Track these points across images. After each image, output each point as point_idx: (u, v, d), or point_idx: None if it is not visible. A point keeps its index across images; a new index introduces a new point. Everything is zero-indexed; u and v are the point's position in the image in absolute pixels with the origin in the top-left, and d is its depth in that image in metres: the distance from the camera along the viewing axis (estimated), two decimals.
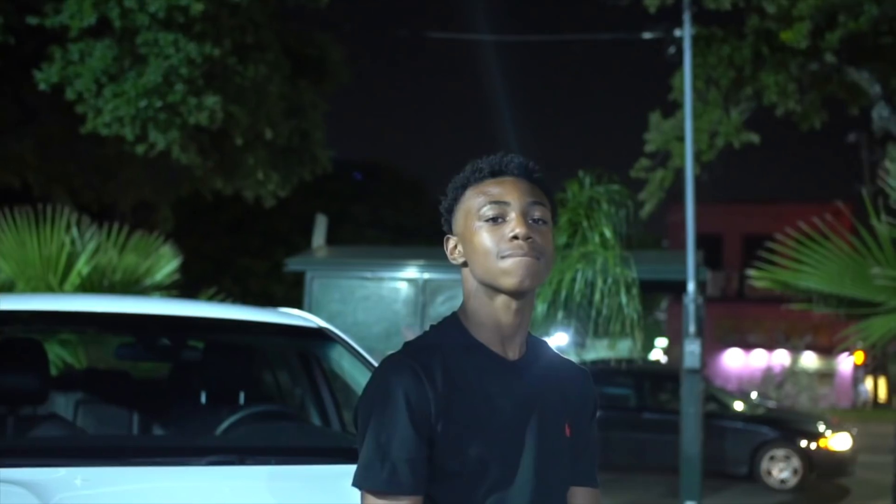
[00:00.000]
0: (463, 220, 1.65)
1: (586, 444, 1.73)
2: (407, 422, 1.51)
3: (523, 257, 1.57)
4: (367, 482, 1.52)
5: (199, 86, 11.46)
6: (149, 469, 2.71)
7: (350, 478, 2.73)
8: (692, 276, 9.37)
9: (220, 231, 28.38)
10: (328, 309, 11.13)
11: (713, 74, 12.09)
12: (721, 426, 11.80)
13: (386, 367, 1.58)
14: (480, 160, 1.68)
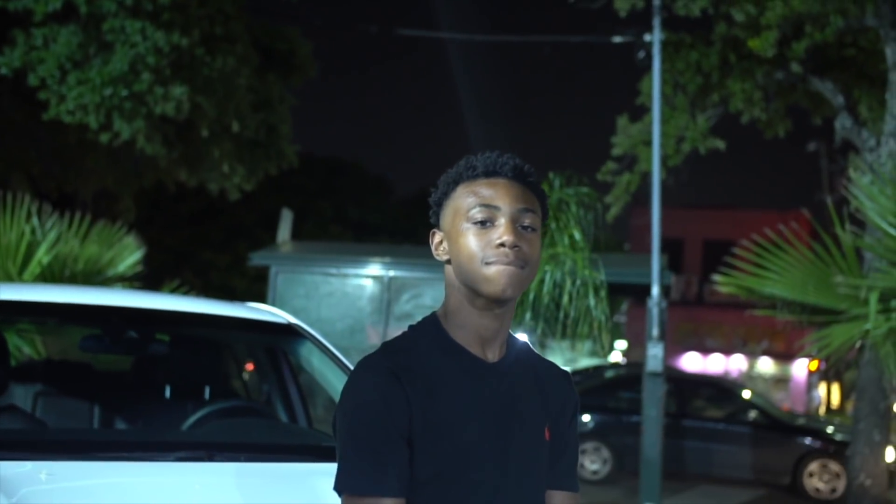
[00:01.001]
0: (451, 218, 1.62)
1: (566, 447, 1.71)
2: (386, 424, 1.49)
3: (508, 266, 1.54)
4: (348, 485, 1.49)
5: (165, 75, 11.31)
6: (116, 464, 2.66)
7: (320, 476, 2.71)
8: (657, 280, 9.43)
9: (181, 223, 28.07)
10: (292, 304, 11.06)
11: (681, 80, 12.16)
12: (764, 437, 11.92)
13: (363, 370, 1.55)
14: (475, 157, 1.64)
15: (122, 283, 7.91)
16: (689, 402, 12.62)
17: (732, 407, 12.73)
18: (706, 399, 12.93)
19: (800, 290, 6.41)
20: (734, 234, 9.46)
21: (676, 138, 11.83)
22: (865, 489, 7.95)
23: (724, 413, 12.65)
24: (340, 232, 29.47)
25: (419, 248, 13.70)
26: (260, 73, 13.52)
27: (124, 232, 8.25)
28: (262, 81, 13.54)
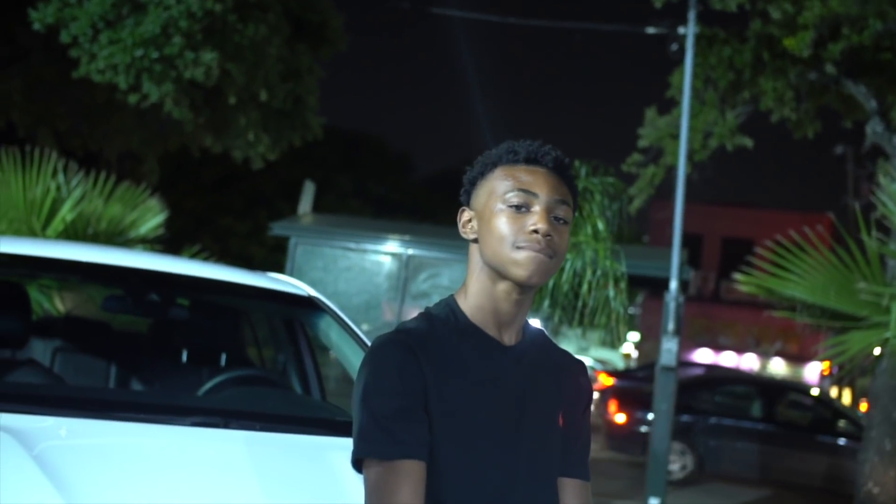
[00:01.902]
0: (485, 198, 1.62)
1: (579, 436, 1.72)
2: (402, 392, 1.50)
3: (538, 253, 1.55)
4: (367, 450, 1.50)
5: (197, 40, 11.31)
6: (133, 425, 2.68)
7: (334, 450, 2.73)
8: (675, 275, 9.39)
9: (203, 188, 28.19)
10: (310, 276, 11.09)
11: (712, 75, 12.06)
12: (855, 447, 11.65)
13: (379, 344, 1.57)
14: (517, 143, 1.65)
15: (144, 245, 7.95)
16: (776, 408, 12.30)
17: (819, 414, 12.35)
18: (793, 406, 12.61)
19: (821, 293, 6.36)
20: (754, 233, 9.37)
21: (704, 133, 11.76)
22: (873, 497, 7.93)
23: (812, 420, 12.29)
24: (360, 207, 29.53)
25: (439, 227, 13.69)
26: (290, 44, 13.49)
27: (148, 194, 8.28)
28: (291, 52, 13.52)
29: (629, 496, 10.22)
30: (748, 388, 12.76)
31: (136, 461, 2.48)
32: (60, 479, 2.18)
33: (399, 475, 1.47)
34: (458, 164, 37.54)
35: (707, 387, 12.98)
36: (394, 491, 1.46)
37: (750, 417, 12.14)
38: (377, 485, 1.48)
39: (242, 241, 27.87)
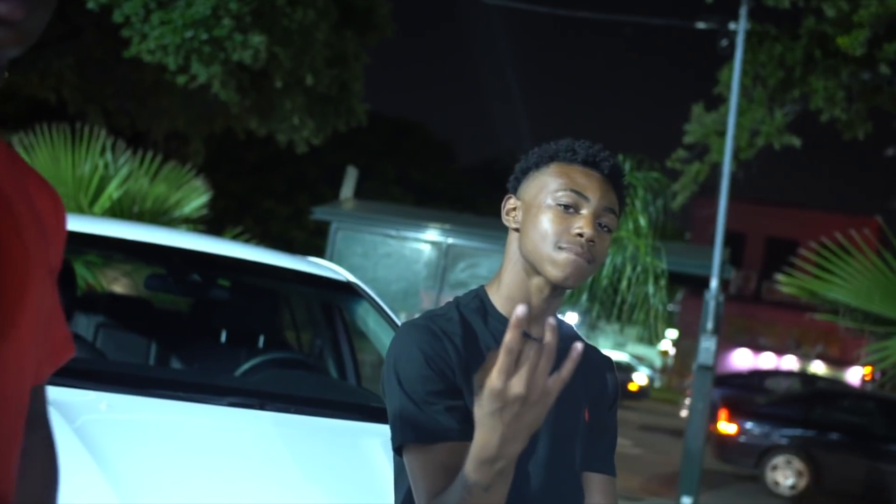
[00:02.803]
0: (535, 191, 1.61)
1: (604, 431, 1.71)
2: (429, 374, 1.50)
3: (578, 257, 1.54)
4: (409, 436, 1.49)
5: (246, 23, 11.40)
6: (172, 402, 2.72)
7: (367, 435, 2.75)
8: (716, 273, 9.30)
9: (246, 170, 28.43)
10: (349, 262, 11.15)
11: (762, 72, 11.91)
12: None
13: (405, 330, 1.57)
14: (576, 142, 1.64)
15: (188, 224, 8.04)
16: None
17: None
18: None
19: (865, 297, 6.26)
20: (799, 234, 9.23)
21: (751, 131, 11.62)
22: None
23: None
24: (402, 194, 29.59)
25: (479, 217, 13.68)
26: (337, 29, 13.54)
27: (193, 174, 8.37)
28: (338, 37, 13.57)
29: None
30: (868, 404, 12.20)
31: (172, 438, 2.52)
32: (99, 452, 2.23)
33: (441, 458, 1.46)
34: (500, 155, 37.31)
35: (825, 401, 12.50)
36: (437, 476, 1.45)
37: (870, 435, 11.54)
38: (421, 471, 1.47)
39: (284, 224, 28.08)
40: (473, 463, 1.30)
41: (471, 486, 1.32)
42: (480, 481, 1.30)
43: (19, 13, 0.92)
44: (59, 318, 1.21)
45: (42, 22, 0.97)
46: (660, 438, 16.00)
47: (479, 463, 1.29)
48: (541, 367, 1.22)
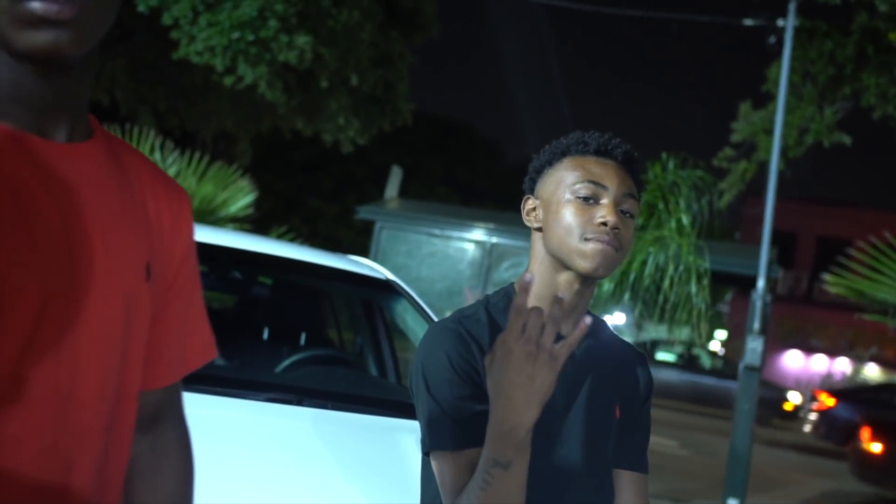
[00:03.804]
0: (552, 188, 1.62)
1: (636, 427, 1.70)
2: (457, 379, 1.50)
3: (606, 245, 1.54)
4: (433, 443, 1.51)
5: (291, 24, 11.52)
6: (210, 397, 2.76)
7: (403, 432, 2.77)
8: (763, 273, 9.17)
9: (293, 170, 28.67)
10: (393, 261, 11.20)
11: (811, 69, 11.73)
12: None
13: (431, 332, 1.58)
14: (587, 134, 1.64)
15: (233, 224, 8.15)
16: None
17: None
18: None
19: None
20: (851, 234, 9.07)
21: (800, 129, 11.44)
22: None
23: None
24: (447, 193, 29.62)
25: None
26: (383, 29, 13.61)
27: (239, 174, 8.48)
28: (384, 37, 13.64)
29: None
30: None
31: (209, 433, 2.56)
32: None
33: (470, 465, 1.46)
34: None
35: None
36: (465, 481, 1.45)
37: None
38: (449, 475, 1.49)
39: (331, 224, 28.27)
40: (492, 441, 1.33)
41: (491, 466, 1.34)
42: (500, 458, 1.33)
43: (68, 12, 0.94)
44: (196, 320, 1.26)
45: (101, 21, 1.00)
46: (707, 439, 15.83)
47: (497, 438, 1.33)
48: (546, 330, 1.27)
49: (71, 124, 1.04)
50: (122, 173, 1.10)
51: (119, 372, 1.06)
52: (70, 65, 1.00)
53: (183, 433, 1.29)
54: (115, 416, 1.07)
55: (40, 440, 0.96)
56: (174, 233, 1.18)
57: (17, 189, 0.95)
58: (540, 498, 1.52)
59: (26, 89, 0.99)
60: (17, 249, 0.93)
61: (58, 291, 0.97)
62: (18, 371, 0.94)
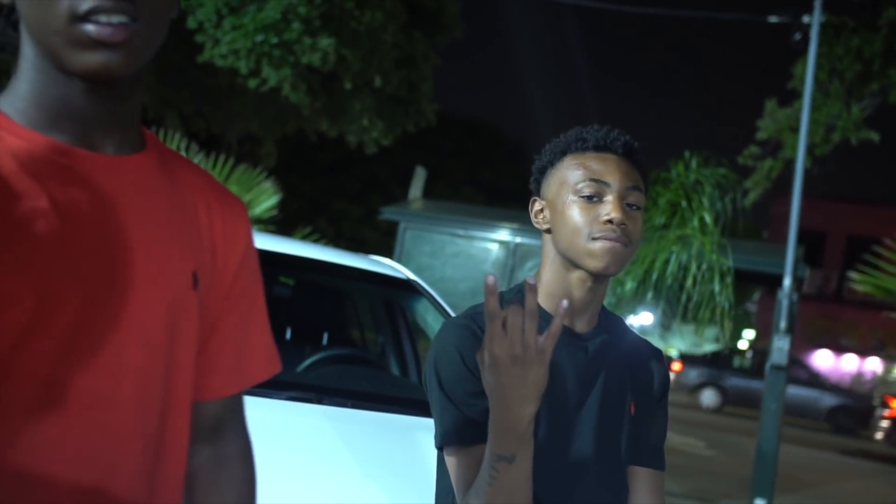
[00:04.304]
0: (556, 189, 1.61)
1: (651, 424, 1.68)
2: (468, 376, 1.50)
3: (614, 243, 1.54)
4: (444, 439, 1.52)
5: (315, 26, 11.58)
6: None
7: (422, 430, 2.78)
8: (789, 272, 9.10)
9: (319, 172, 28.78)
10: (417, 261, 11.22)
11: (838, 66, 11.63)
12: None
13: (444, 329, 1.58)
14: (585, 130, 1.63)
15: (257, 225, 8.21)
16: None
17: None
18: None
19: None
20: (881, 232, 8.98)
21: (826, 127, 11.33)
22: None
23: None
24: (472, 194, 29.61)
25: None
26: (406, 30, 13.64)
27: (263, 176, 8.54)
28: (407, 38, 13.67)
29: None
30: None
31: None
32: None
33: (479, 459, 1.47)
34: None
35: None
36: (475, 476, 1.46)
37: None
38: (461, 470, 1.50)
39: (356, 225, 28.35)
40: (494, 437, 1.35)
41: (496, 461, 1.36)
42: (504, 452, 1.35)
43: (120, 36, 0.99)
44: (257, 333, 1.27)
45: (151, 44, 1.05)
46: (734, 440, 15.72)
47: (499, 434, 1.34)
48: (527, 328, 1.26)
49: (120, 137, 1.08)
50: (173, 184, 1.13)
51: (165, 379, 1.09)
52: (119, 83, 1.04)
53: (245, 445, 1.31)
54: (164, 424, 1.10)
55: (79, 443, 1.00)
56: (228, 243, 1.20)
57: (61, 201, 0.99)
58: (550, 493, 1.53)
59: (75, 105, 1.03)
60: (58, 258, 0.97)
61: (98, 299, 1.00)
62: (58, 375, 0.98)
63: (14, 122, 1.03)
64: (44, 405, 0.97)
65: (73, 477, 0.99)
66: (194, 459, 1.23)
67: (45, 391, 0.97)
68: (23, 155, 1.00)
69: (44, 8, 0.99)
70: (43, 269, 0.96)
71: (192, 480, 1.23)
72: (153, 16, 1.03)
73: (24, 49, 1.05)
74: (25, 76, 1.05)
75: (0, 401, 0.95)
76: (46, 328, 0.96)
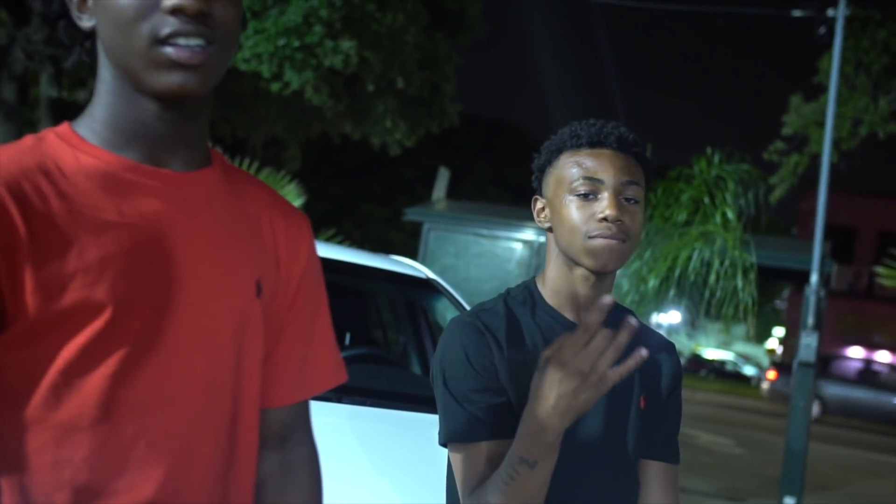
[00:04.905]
0: (554, 187, 1.61)
1: (663, 417, 1.67)
2: (472, 372, 1.52)
3: (610, 240, 1.53)
4: (450, 434, 1.53)
5: (336, 29, 11.64)
6: None
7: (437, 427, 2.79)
8: (816, 267, 9.01)
9: (344, 174, 28.90)
10: (442, 261, 11.23)
11: (865, 59, 11.51)
12: None
13: (449, 327, 1.59)
14: (579, 125, 1.63)
15: None
16: None
17: None
18: None
19: None
20: None
21: (853, 120, 11.22)
22: None
23: None
24: (497, 193, 29.60)
25: None
26: (428, 31, 13.66)
27: (287, 179, 8.60)
28: (429, 39, 13.69)
29: None
30: None
31: None
32: None
33: (483, 456, 1.49)
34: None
35: None
36: (480, 474, 1.48)
37: None
38: (464, 467, 1.51)
39: (382, 227, 28.44)
40: (521, 439, 1.36)
41: (517, 463, 1.37)
42: (528, 456, 1.36)
43: (198, 58, 1.06)
44: (322, 344, 1.33)
45: (222, 66, 1.13)
46: (764, 438, 15.61)
47: (527, 437, 1.35)
48: (606, 355, 1.30)
49: (186, 155, 1.15)
50: (237, 199, 1.20)
51: (233, 384, 1.16)
52: (189, 103, 1.12)
53: (312, 452, 1.36)
54: (234, 427, 1.17)
55: (151, 439, 1.07)
56: (291, 255, 1.26)
57: (129, 214, 1.07)
58: (558, 490, 1.53)
59: (147, 125, 1.11)
60: (129, 268, 1.05)
61: (165, 305, 1.07)
62: (130, 376, 1.05)
63: (88, 142, 1.11)
64: (119, 403, 1.05)
65: (147, 471, 1.07)
66: (263, 466, 1.28)
67: (121, 390, 1.04)
68: (95, 172, 1.08)
69: (127, 31, 1.06)
70: (116, 277, 1.04)
71: (260, 487, 1.28)
72: (226, 39, 1.11)
73: (102, 73, 1.12)
74: (102, 99, 1.13)
75: (74, 402, 1.03)
76: (119, 333, 1.04)
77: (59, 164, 1.07)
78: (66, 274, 1.01)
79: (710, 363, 42.04)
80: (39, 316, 1.00)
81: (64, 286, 1.01)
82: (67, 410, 1.03)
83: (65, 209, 1.03)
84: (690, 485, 9.00)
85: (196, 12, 1.05)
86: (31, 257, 1.00)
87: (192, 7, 1.05)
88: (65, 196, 1.04)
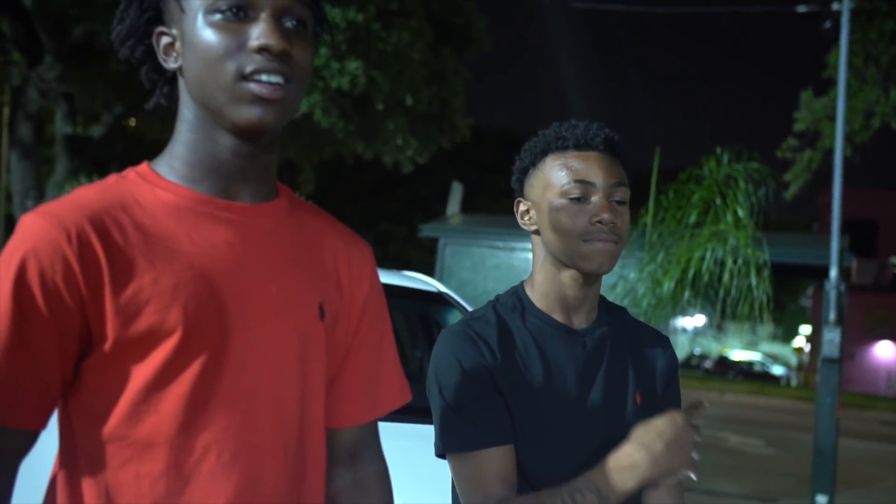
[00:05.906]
0: (540, 190, 1.61)
1: (660, 412, 1.64)
2: (467, 380, 1.52)
3: (605, 243, 1.54)
4: (449, 445, 1.54)
5: (342, 50, 11.71)
6: None
7: None
8: (835, 262, 8.95)
9: (361, 194, 29.00)
10: (459, 276, 11.24)
11: (873, 51, 11.44)
12: None
13: (442, 337, 1.59)
14: (563, 127, 1.63)
15: None
16: None
17: None
18: None
19: None
20: None
21: (865, 113, 11.15)
22: None
23: None
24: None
25: None
26: (434, 47, 13.71)
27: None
28: (436, 55, 13.74)
29: None
30: None
31: None
32: None
33: (484, 465, 1.50)
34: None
35: None
36: (483, 482, 1.49)
37: None
38: (466, 477, 1.52)
39: (401, 245, 28.49)
40: (606, 468, 1.45)
41: (588, 490, 1.45)
42: (604, 489, 1.44)
43: (278, 94, 1.14)
44: (388, 366, 1.41)
45: (297, 102, 1.20)
46: (794, 437, 15.46)
47: (613, 470, 1.44)
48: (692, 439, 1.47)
49: (255, 188, 1.23)
50: (301, 228, 1.29)
51: (300, 400, 1.22)
52: (263, 138, 1.20)
53: (382, 469, 1.41)
54: (303, 443, 1.23)
55: (222, 452, 1.14)
56: (354, 281, 1.33)
57: (200, 243, 1.16)
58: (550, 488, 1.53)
59: (221, 160, 1.20)
60: (199, 293, 1.13)
61: (234, 328, 1.15)
62: (202, 393, 1.13)
63: (165, 178, 1.20)
64: (195, 416, 1.12)
65: (219, 483, 1.13)
66: (335, 483, 1.36)
67: (195, 404, 1.12)
68: (171, 206, 1.17)
69: (214, 68, 1.14)
70: (186, 302, 1.12)
71: (333, 502, 1.35)
72: (301, 79, 1.18)
73: (184, 112, 1.21)
74: (182, 137, 1.21)
75: (152, 418, 1.11)
76: (189, 353, 1.12)
77: (138, 199, 1.17)
78: (142, 300, 1.10)
79: (737, 364, 41.71)
80: (119, 339, 1.09)
81: (139, 311, 1.10)
82: (146, 427, 1.11)
83: (142, 241, 1.13)
84: (721, 488, 8.93)
85: (280, 52, 1.13)
86: (111, 285, 1.09)
87: (276, 47, 1.13)
88: (142, 228, 1.14)
